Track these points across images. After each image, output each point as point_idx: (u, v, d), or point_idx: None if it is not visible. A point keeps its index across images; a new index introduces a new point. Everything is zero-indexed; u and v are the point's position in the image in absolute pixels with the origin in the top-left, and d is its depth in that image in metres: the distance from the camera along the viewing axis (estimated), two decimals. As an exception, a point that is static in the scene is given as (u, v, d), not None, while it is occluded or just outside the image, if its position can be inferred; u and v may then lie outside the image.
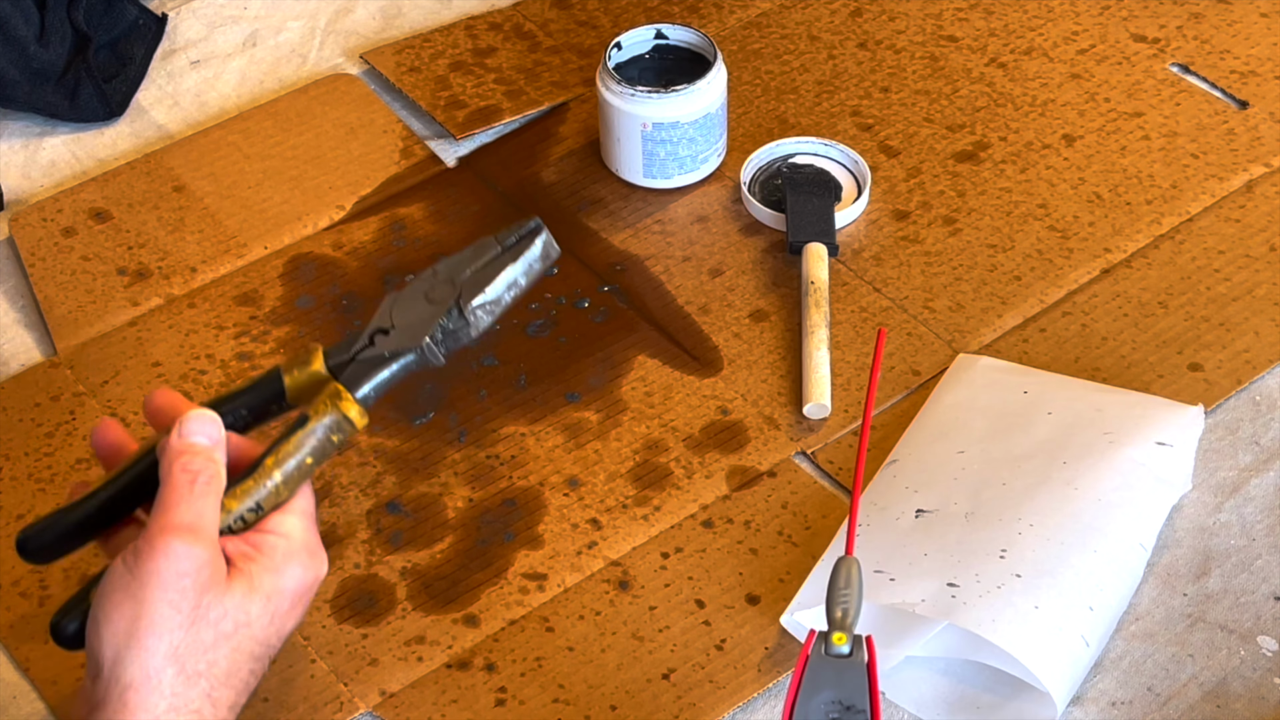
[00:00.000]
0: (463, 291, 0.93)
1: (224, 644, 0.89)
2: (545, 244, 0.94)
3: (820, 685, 0.88)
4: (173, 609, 0.87)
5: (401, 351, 0.93)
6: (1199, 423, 1.13)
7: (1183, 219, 1.27)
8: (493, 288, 0.93)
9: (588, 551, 1.10)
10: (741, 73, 1.38)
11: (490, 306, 0.93)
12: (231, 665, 0.89)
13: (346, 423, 0.92)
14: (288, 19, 1.46)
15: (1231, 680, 1.03)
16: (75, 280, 1.26)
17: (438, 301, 0.93)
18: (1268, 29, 1.40)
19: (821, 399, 1.16)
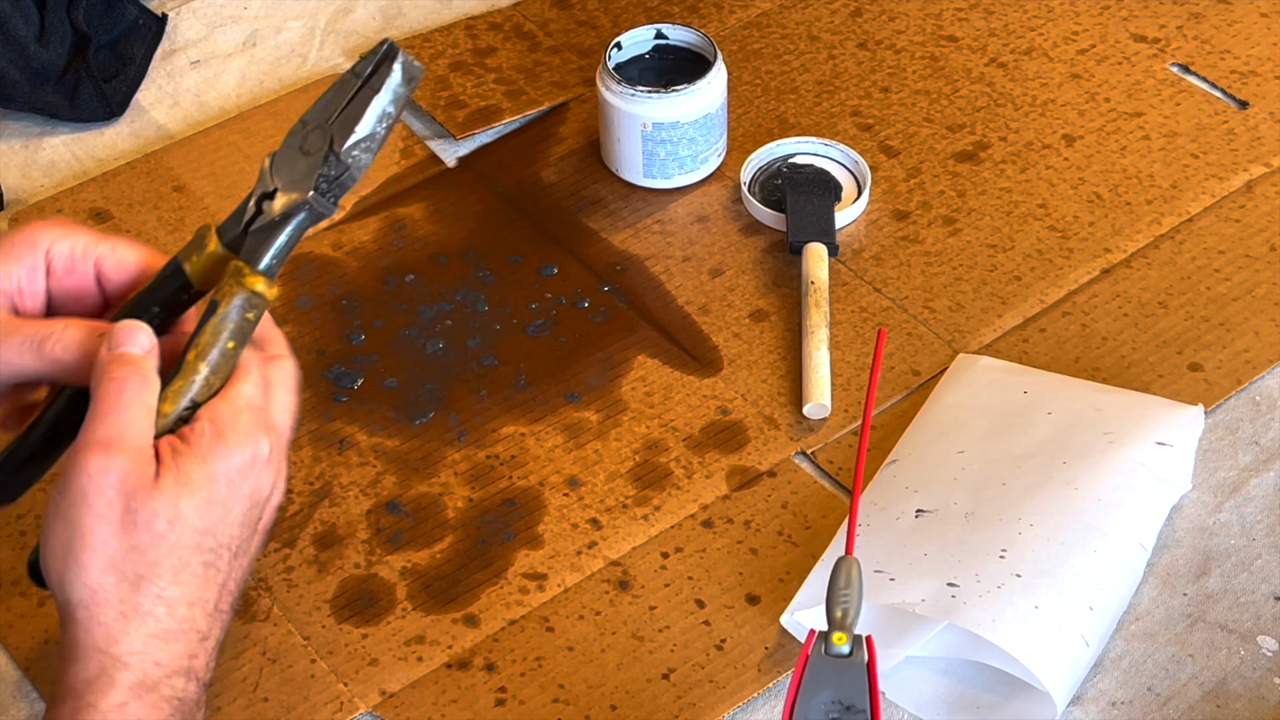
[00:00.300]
0: (334, 136, 0.91)
1: (161, 543, 0.88)
2: (405, 65, 0.92)
3: (820, 685, 0.88)
4: (100, 520, 0.88)
5: (292, 212, 0.91)
6: (1199, 423, 1.13)
7: (1183, 219, 1.27)
8: (363, 125, 0.91)
9: (588, 551, 1.10)
10: (741, 73, 1.38)
11: (366, 144, 0.91)
12: (176, 562, 0.88)
13: (256, 297, 0.91)
14: (288, 19, 1.46)
15: (1231, 680, 1.03)
16: (75, 280, 1.26)
17: (313, 152, 0.91)
18: (1268, 29, 1.40)
19: (821, 399, 1.16)
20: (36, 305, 0.96)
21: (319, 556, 1.10)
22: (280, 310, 1.24)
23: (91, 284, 0.96)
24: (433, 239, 1.28)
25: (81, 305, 0.96)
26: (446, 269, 1.26)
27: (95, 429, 0.89)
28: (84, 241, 0.95)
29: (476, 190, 1.32)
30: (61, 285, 0.96)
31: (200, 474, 0.89)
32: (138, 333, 0.91)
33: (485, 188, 1.32)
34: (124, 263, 0.96)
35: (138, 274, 0.96)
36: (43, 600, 1.08)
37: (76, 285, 0.96)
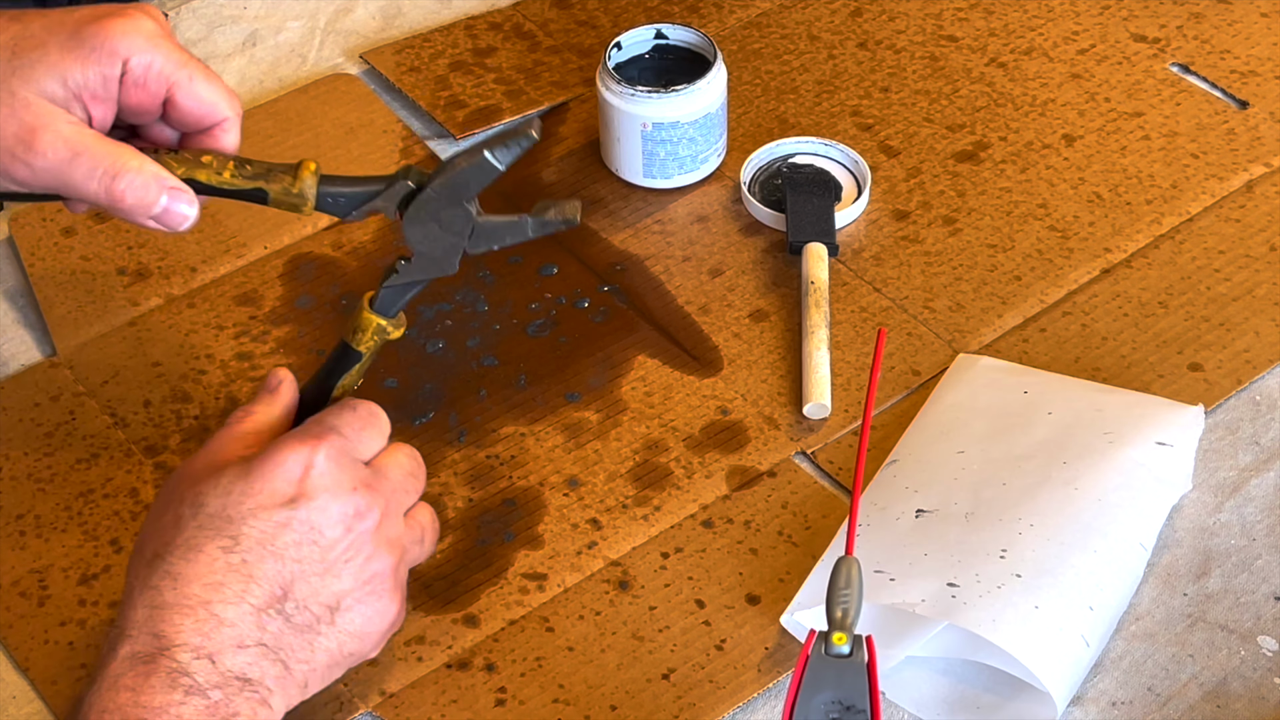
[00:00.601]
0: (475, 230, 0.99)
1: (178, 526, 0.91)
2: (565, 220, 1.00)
3: (820, 685, 0.88)
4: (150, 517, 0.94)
5: (426, 278, 1.00)
6: (1199, 423, 1.13)
7: (1183, 219, 1.27)
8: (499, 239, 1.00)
9: (588, 551, 1.10)
10: (741, 73, 1.38)
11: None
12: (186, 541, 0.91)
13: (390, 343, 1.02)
14: (288, 19, 1.46)
15: (1231, 680, 1.03)
16: (75, 280, 1.26)
17: (455, 231, 0.98)
18: (1268, 29, 1.40)
19: (821, 399, 1.16)
20: (108, 114, 0.95)
21: (319, 556, 1.10)
22: (280, 310, 1.24)
23: (157, 105, 0.96)
24: (433, 239, 1.28)
25: (139, 119, 0.97)
26: (446, 269, 1.26)
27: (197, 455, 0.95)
28: (162, 61, 0.95)
29: (476, 190, 1.31)
30: (129, 97, 0.95)
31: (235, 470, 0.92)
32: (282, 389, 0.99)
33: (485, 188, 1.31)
34: (195, 96, 0.96)
35: (207, 110, 0.96)
36: (43, 600, 1.08)
37: (142, 101, 0.96)
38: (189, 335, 1.23)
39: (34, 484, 1.14)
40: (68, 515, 1.12)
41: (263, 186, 0.97)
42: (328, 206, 0.98)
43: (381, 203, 0.97)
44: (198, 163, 0.96)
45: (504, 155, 0.96)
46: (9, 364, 1.22)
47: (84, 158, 0.92)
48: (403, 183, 0.97)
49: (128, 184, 0.93)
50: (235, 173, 0.97)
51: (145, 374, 1.20)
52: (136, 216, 0.94)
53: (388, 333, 1.00)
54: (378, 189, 0.97)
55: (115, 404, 1.19)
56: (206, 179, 0.96)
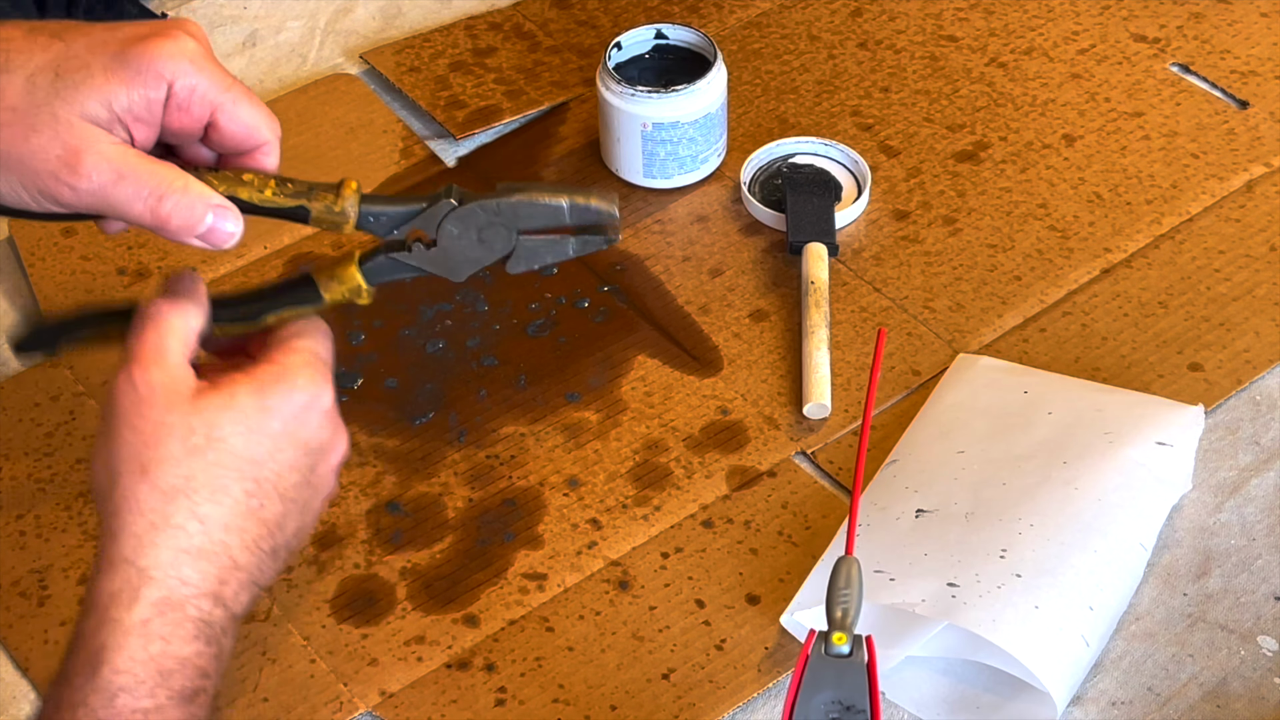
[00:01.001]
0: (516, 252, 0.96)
1: (196, 458, 0.88)
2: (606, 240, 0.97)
3: (820, 685, 0.88)
4: (133, 431, 0.88)
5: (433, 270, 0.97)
6: (1199, 423, 1.13)
7: (1183, 219, 1.27)
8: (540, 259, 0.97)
9: (588, 551, 1.10)
10: (741, 73, 1.38)
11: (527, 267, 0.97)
12: (212, 480, 0.88)
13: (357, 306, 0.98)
14: (288, 19, 1.46)
15: (1231, 680, 1.03)
16: (75, 280, 1.26)
17: (491, 245, 0.96)
18: (1268, 29, 1.40)
19: (821, 399, 1.16)
20: (150, 136, 0.94)
21: (319, 556, 1.10)
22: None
23: (199, 127, 0.95)
24: (433, 239, 1.28)
25: (180, 140, 0.96)
26: (446, 269, 1.26)
27: (133, 347, 0.90)
28: (206, 85, 0.94)
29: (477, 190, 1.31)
30: (172, 120, 0.94)
31: (252, 403, 0.90)
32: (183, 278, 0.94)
33: (485, 188, 1.32)
34: (238, 120, 0.95)
35: (248, 133, 0.96)
36: (43, 600, 1.08)
37: (184, 124, 0.95)
38: (189, 335, 1.23)
39: (34, 484, 1.14)
40: (68, 515, 1.12)
41: (305, 205, 0.96)
42: (369, 225, 0.96)
43: (421, 222, 0.96)
44: (239, 181, 0.95)
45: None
46: (9, 364, 1.22)
47: (129, 180, 0.92)
48: (446, 201, 0.95)
49: (174, 205, 0.93)
50: (277, 190, 0.96)
51: (145, 374, 1.20)
52: (182, 236, 0.93)
53: (360, 295, 0.98)
54: (419, 208, 0.96)
55: (115, 404, 1.18)
56: (248, 197, 0.95)
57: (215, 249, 0.95)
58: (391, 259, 0.96)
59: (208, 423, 0.89)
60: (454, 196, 0.96)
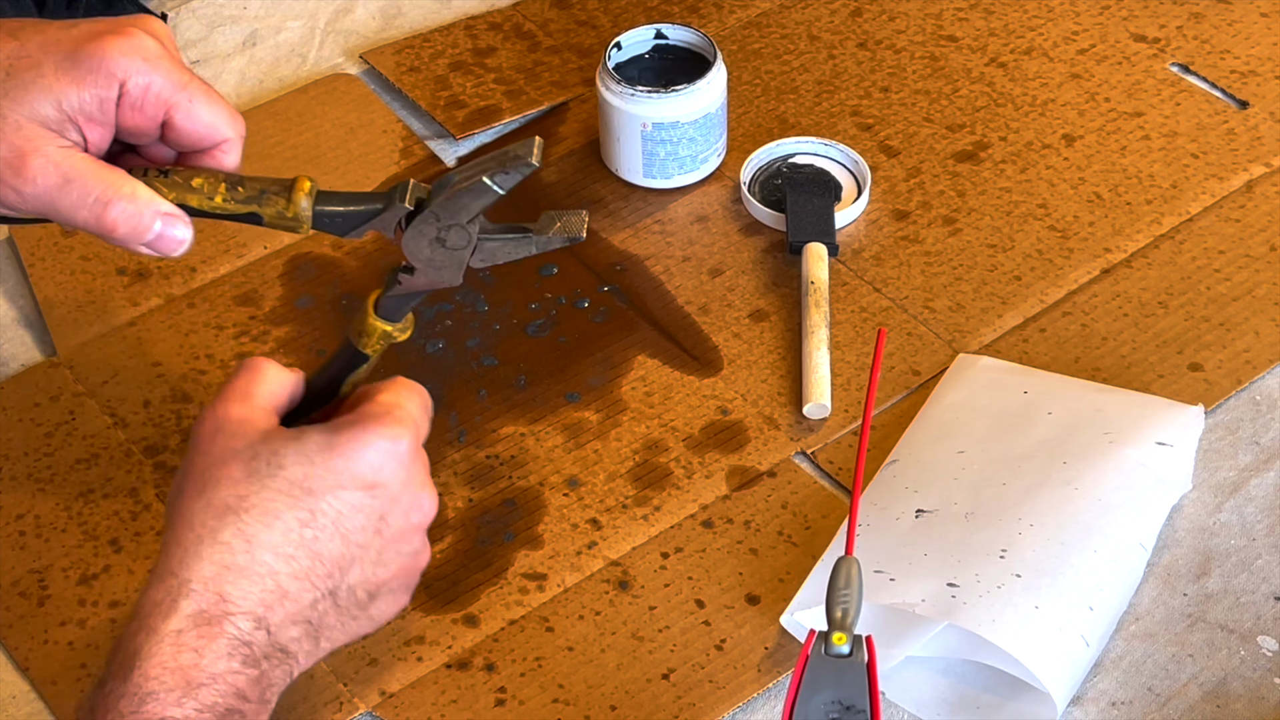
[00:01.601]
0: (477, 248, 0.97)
1: (253, 480, 0.89)
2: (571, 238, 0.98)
3: (820, 685, 0.88)
4: (203, 455, 0.90)
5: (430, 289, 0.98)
6: (1199, 423, 1.13)
7: (1183, 219, 1.27)
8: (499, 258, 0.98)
9: (588, 551, 1.10)
10: (741, 73, 1.38)
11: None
12: (264, 502, 0.88)
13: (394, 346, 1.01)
14: (288, 19, 1.46)
15: (1231, 680, 1.03)
16: (75, 280, 1.26)
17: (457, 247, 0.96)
18: (1268, 29, 1.40)
19: (821, 399, 1.16)
20: (104, 137, 0.93)
21: (319, 556, 1.10)
22: (280, 310, 1.24)
23: (155, 127, 0.94)
24: (433, 239, 1.28)
25: (137, 140, 0.95)
26: (446, 269, 1.26)
27: (224, 386, 0.92)
28: (161, 83, 0.93)
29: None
30: (126, 120, 0.93)
31: (319, 439, 0.90)
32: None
33: (485, 189, 1.32)
34: (194, 119, 0.94)
35: (207, 131, 0.95)
36: (43, 600, 1.08)
37: (139, 124, 0.93)
38: (189, 335, 1.23)
39: (34, 484, 1.14)
40: (68, 515, 1.12)
41: (256, 210, 0.95)
42: (324, 226, 0.96)
43: (379, 223, 0.96)
44: (188, 187, 0.94)
45: (504, 181, 0.95)
46: (9, 364, 1.22)
47: (75, 185, 0.90)
48: (400, 204, 0.95)
49: (119, 212, 0.91)
50: (227, 196, 0.94)
51: (145, 374, 1.20)
52: (130, 244, 0.92)
53: (394, 337, 0.99)
54: (375, 208, 0.96)
55: (115, 404, 1.19)
56: (198, 204, 0.94)
57: (164, 256, 0.94)
58: (391, 297, 0.98)
59: (271, 450, 0.89)
60: (406, 198, 0.95)
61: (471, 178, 0.95)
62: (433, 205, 0.95)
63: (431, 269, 0.97)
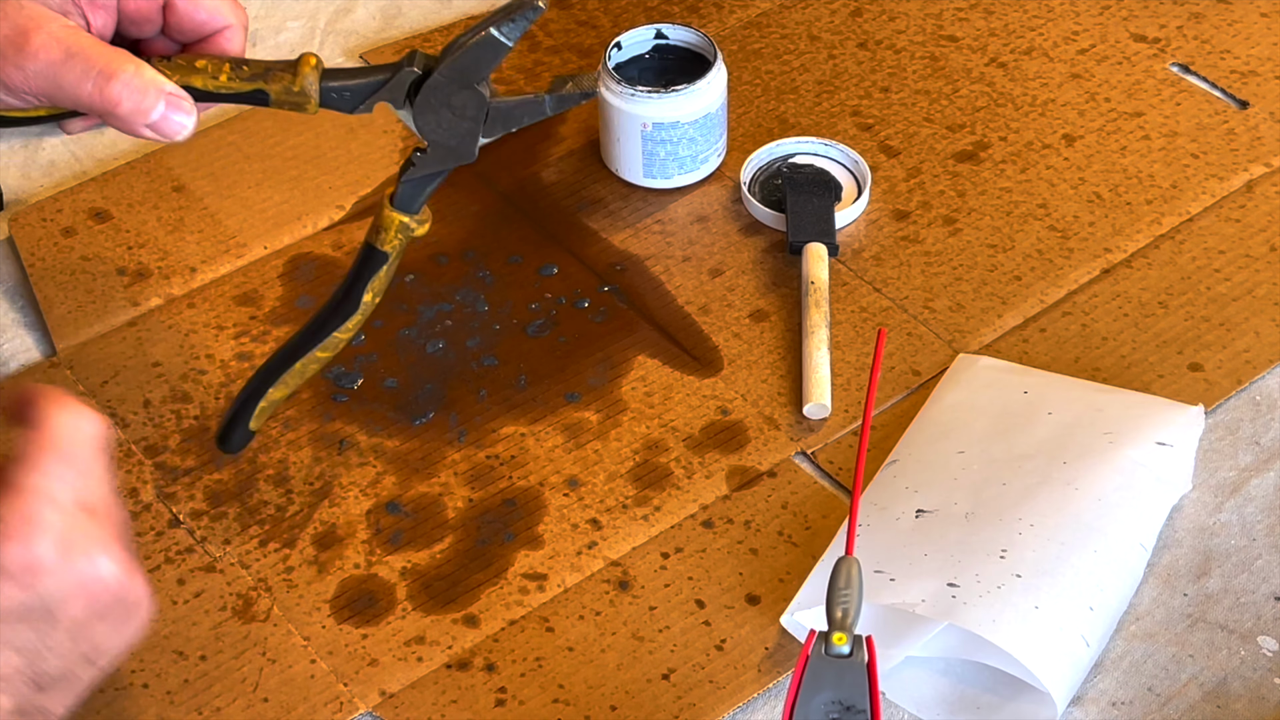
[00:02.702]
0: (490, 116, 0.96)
1: None
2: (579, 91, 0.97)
3: (820, 685, 0.88)
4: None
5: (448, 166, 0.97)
6: (1199, 423, 1.13)
7: (1183, 219, 1.27)
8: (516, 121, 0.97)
9: (588, 551, 1.10)
10: (741, 73, 1.38)
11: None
12: None
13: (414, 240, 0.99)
14: (288, 19, 1.46)
15: (1231, 680, 1.03)
16: (75, 280, 1.26)
17: (468, 114, 0.95)
18: (1268, 29, 1.40)
19: (821, 399, 1.16)
20: (108, 22, 0.92)
21: (319, 557, 1.10)
22: (280, 310, 1.24)
23: (156, 11, 0.93)
24: (432, 239, 1.28)
25: (140, 30, 0.93)
26: (446, 269, 1.26)
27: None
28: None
29: (476, 190, 1.32)
30: (128, 2, 0.92)
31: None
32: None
33: (485, 188, 1.32)
34: (197, 1, 0.93)
35: (209, 15, 0.93)
36: (43, 600, 1.08)
37: (141, 7, 0.92)
38: (189, 335, 1.23)
39: (34, 484, 1.14)
40: (68, 515, 1.12)
41: (262, 87, 0.93)
42: (332, 102, 0.94)
43: (388, 93, 0.93)
44: (192, 68, 0.92)
45: (511, 30, 0.92)
46: (9, 364, 1.22)
47: (78, 59, 0.88)
48: (408, 69, 0.93)
49: (123, 86, 0.89)
50: (232, 75, 0.93)
51: (145, 374, 1.20)
52: (134, 123, 0.90)
53: (411, 230, 0.97)
54: (383, 78, 0.93)
55: (115, 404, 1.18)
56: (203, 84, 0.92)
57: (167, 140, 0.91)
58: (407, 183, 0.96)
59: None
60: (416, 64, 0.94)
61: (477, 33, 0.93)
62: (440, 69, 0.93)
63: (445, 142, 0.95)
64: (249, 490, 1.14)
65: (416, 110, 0.94)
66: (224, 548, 1.11)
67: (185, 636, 1.06)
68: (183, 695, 1.04)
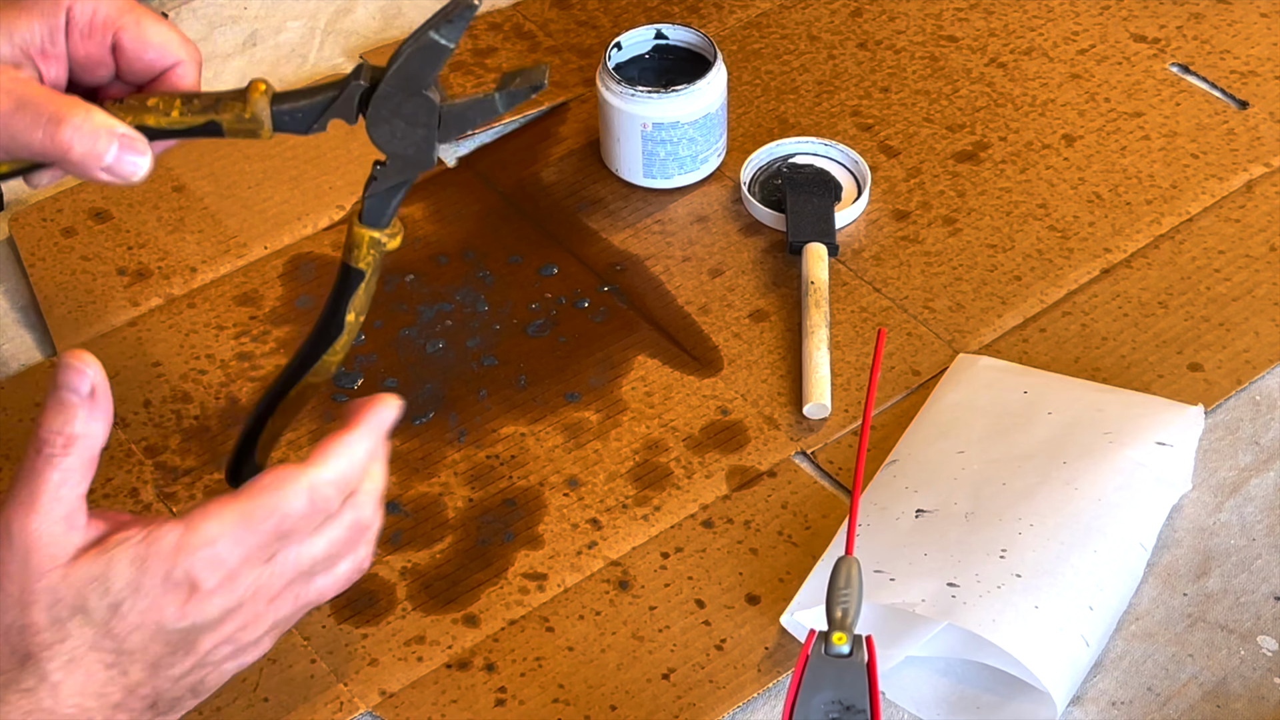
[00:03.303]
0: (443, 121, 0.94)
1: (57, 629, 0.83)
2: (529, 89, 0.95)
3: (820, 685, 0.88)
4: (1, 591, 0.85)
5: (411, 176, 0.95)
6: (1199, 423, 1.13)
7: (1183, 219, 1.27)
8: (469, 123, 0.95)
9: (588, 551, 1.10)
10: (741, 73, 1.38)
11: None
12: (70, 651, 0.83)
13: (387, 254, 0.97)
14: (288, 19, 1.46)
15: (1231, 680, 1.03)
16: (75, 280, 1.26)
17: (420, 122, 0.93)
18: (1268, 29, 1.40)
19: (821, 399, 1.16)
20: (60, 72, 0.92)
21: (319, 556, 1.10)
22: (280, 310, 1.24)
23: (106, 53, 0.92)
24: (433, 239, 1.28)
25: (94, 75, 0.93)
26: (446, 269, 1.26)
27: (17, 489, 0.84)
28: (106, 6, 0.91)
29: (476, 190, 1.32)
30: (77, 49, 0.91)
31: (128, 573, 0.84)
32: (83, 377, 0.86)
33: (485, 188, 1.32)
34: (143, 40, 0.92)
35: (159, 53, 0.93)
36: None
37: (90, 52, 0.92)
38: (189, 335, 1.23)
39: (34, 484, 1.14)
40: (68, 515, 1.12)
41: (214, 119, 0.93)
42: (286, 126, 0.94)
43: (338, 109, 0.93)
44: (144, 107, 0.92)
45: (450, 32, 0.91)
46: (9, 364, 1.22)
47: (28, 108, 0.87)
48: (355, 83, 0.93)
49: (73, 131, 0.88)
50: (184, 110, 0.92)
51: (145, 374, 1.20)
52: (89, 168, 0.89)
53: (383, 244, 0.96)
54: (333, 95, 0.93)
55: (115, 404, 1.17)
56: (156, 122, 0.92)
57: (124, 182, 0.91)
58: (371, 198, 0.95)
59: (75, 592, 0.84)
60: (364, 76, 0.93)
61: (417, 39, 0.92)
62: (386, 79, 0.92)
63: (402, 152, 0.94)
64: (249, 490, 1.13)
65: (369, 123, 0.94)
66: (224, 548, 1.11)
67: (185, 636, 1.06)
68: (183, 695, 1.04)
